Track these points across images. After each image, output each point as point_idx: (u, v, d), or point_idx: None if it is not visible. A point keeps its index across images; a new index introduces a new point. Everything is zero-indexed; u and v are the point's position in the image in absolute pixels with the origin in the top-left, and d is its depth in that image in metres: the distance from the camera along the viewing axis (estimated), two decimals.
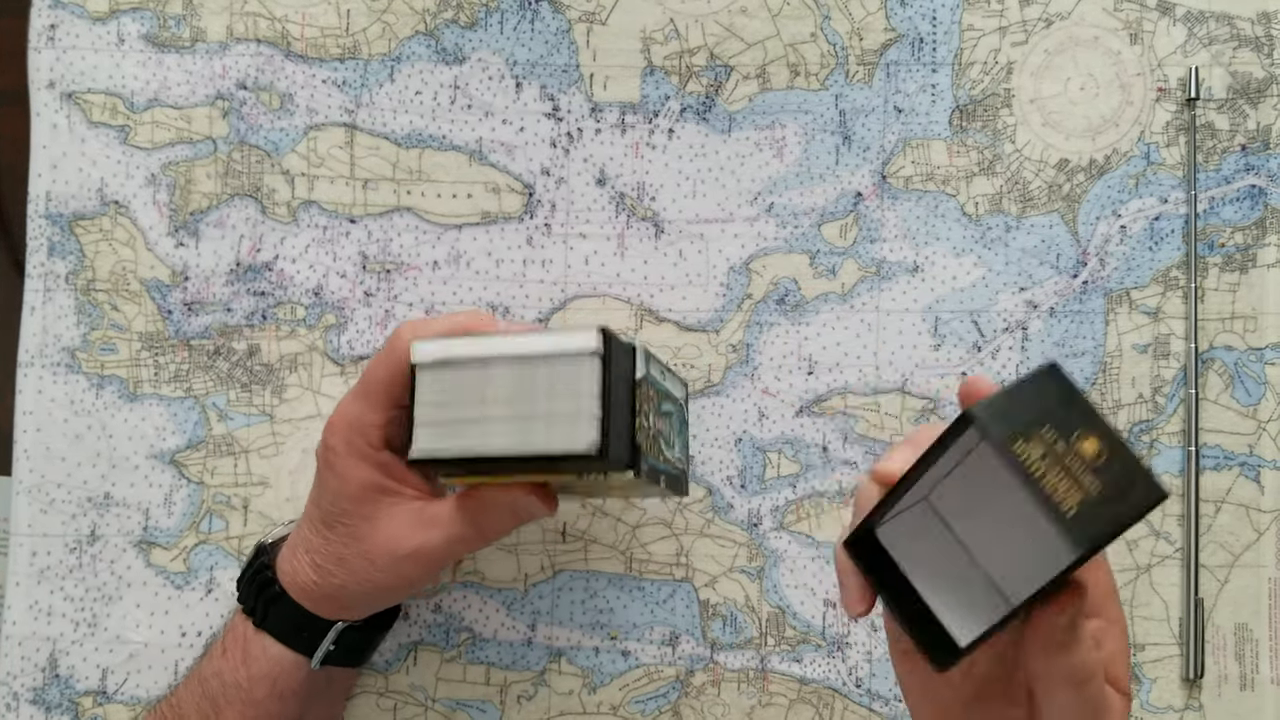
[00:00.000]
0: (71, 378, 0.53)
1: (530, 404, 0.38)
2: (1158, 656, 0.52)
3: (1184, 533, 0.52)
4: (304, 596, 0.45)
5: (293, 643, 0.46)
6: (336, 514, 0.44)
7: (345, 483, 0.43)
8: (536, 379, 0.38)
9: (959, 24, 0.53)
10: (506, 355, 0.38)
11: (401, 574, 0.43)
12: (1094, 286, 0.53)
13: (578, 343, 0.38)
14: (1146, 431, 0.53)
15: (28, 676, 0.52)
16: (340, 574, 0.44)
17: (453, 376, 0.39)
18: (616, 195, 0.53)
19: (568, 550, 0.53)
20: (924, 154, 0.53)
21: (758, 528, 0.53)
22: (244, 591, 0.47)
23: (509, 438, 0.38)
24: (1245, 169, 0.53)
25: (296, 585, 0.45)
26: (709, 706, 0.52)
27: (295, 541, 0.46)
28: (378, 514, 0.43)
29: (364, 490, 0.43)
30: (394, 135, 0.53)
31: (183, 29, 0.53)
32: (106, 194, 0.53)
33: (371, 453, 0.43)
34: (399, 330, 0.43)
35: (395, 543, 0.43)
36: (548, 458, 0.38)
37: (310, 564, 0.45)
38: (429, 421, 0.39)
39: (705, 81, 0.53)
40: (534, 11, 0.53)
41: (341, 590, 0.44)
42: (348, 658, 0.47)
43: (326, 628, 0.46)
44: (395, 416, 0.43)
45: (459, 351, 0.39)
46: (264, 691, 0.45)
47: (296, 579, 0.45)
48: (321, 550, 0.44)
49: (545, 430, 0.38)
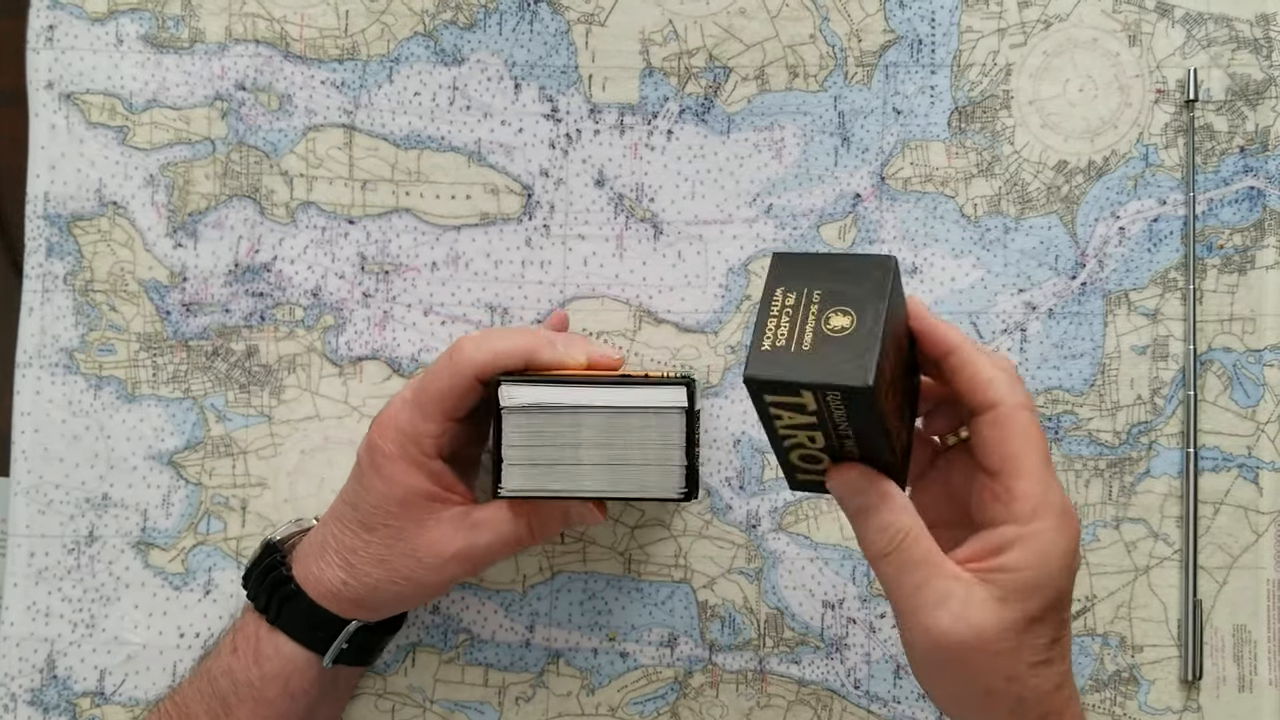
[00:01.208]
0: (70, 378, 0.53)
1: (621, 451, 0.43)
2: (1156, 658, 0.52)
3: (1182, 534, 0.52)
4: (327, 597, 0.45)
5: (307, 641, 0.46)
6: (381, 517, 0.44)
7: (394, 487, 0.44)
8: (628, 428, 0.43)
9: (958, 26, 0.53)
10: (599, 406, 0.42)
11: (445, 573, 0.45)
12: (1093, 288, 0.53)
13: (669, 398, 0.42)
14: (1145, 433, 0.53)
15: (25, 677, 0.52)
16: (376, 574, 0.45)
17: (543, 421, 0.43)
18: (615, 196, 0.53)
19: (566, 551, 0.53)
20: (923, 155, 0.53)
21: (756, 529, 0.53)
22: (254, 589, 0.47)
23: (599, 481, 0.43)
24: (1244, 171, 0.53)
25: (322, 586, 0.45)
26: (707, 708, 0.52)
27: (321, 542, 0.46)
28: (425, 518, 0.44)
29: (414, 496, 0.44)
30: (393, 136, 0.53)
31: (181, 30, 0.53)
32: (105, 195, 0.53)
33: (424, 460, 0.44)
34: (461, 344, 0.45)
35: (442, 545, 0.44)
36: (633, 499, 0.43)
37: (342, 564, 0.45)
38: (518, 461, 0.43)
39: (704, 83, 0.53)
40: (533, 13, 0.53)
41: (374, 591, 0.45)
42: (357, 657, 0.48)
43: (340, 626, 0.46)
44: (450, 428, 0.45)
45: (550, 399, 0.42)
46: (276, 690, 0.46)
47: (322, 580, 0.45)
48: (360, 551, 0.45)
49: (636, 476, 0.43)
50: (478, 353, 0.44)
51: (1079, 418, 0.53)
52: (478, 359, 0.44)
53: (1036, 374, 0.53)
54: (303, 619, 0.46)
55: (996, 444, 0.38)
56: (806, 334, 0.36)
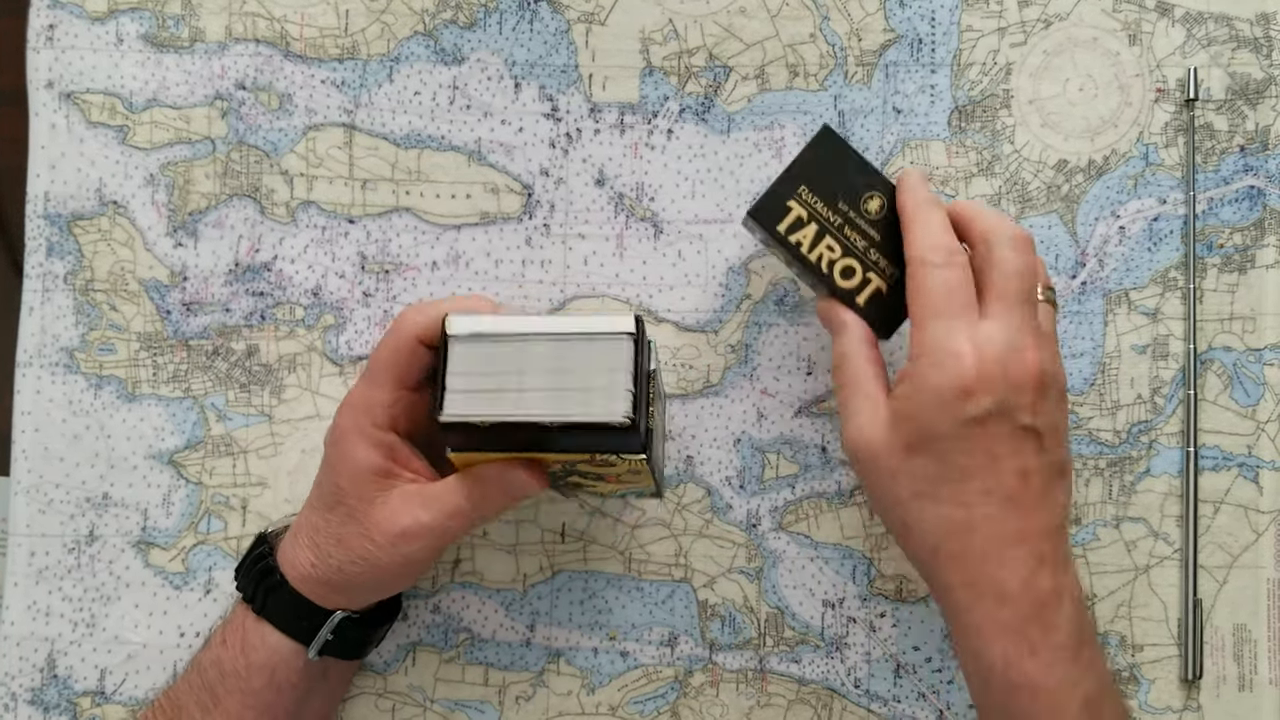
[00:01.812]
0: (70, 378, 0.53)
1: (567, 377, 0.41)
2: (1156, 657, 0.52)
3: (1182, 534, 0.52)
4: (303, 581, 0.45)
5: (292, 631, 0.46)
6: (338, 494, 0.44)
7: (346, 462, 0.44)
8: (574, 354, 0.42)
9: (958, 25, 0.53)
10: (545, 332, 0.42)
11: (398, 552, 0.44)
12: (1093, 287, 0.53)
13: (616, 324, 0.42)
14: (1145, 432, 0.53)
15: (26, 677, 0.52)
16: (338, 554, 0.44)
17: (489, 349, 0.42)
18: (615, 195, 0.53)
19: (566, 550, 0.53)
20: (923, 155, 0.53)
21: (756, 528, 0.53)
22: (243, 580, 0.47)
23: (544, 407, 0.41)
24: (1244, 170, 0.53)
25: (296, 570, 0.45)
26: (707, 707, 0.52)
27: (297, 526, 0.46)
28: (376, 495, 0.44)
29: (365, 471, 0.44)
30: (393, 135, 0.53)
31: (181, 29, 0.53)
32: (105, 194, 0.53)
33: (375, 432, 0.44)
34: (403, 313, 0.45)
35: (391, 521, 0.44)
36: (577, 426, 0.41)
37: (309, 544, 0.45)
38: (461, 389, 0.42)
39: (704, 82, 0.53)
40: (533, 12, 0.53)
41: (339, 573, 0.45)
42: (346, 650, 0.48)
43: (326, 617, 0.46)
44: (401, 397, 0.45)
45: (497, 327, 0.42)
46: (262, 681, 0.46)
47: (295, 562, 0.45)
48: (322, 530, 0.45)
49: (580, 401, 0.41)
50: (420, 315, 0.44)
51: (1079, 417, 0.53)
52: (420, 320, 0.44)
53: None
54: (288, 608, 0.46)
55: (909, 296, 0.43)
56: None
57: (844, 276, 0.46)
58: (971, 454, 0.41)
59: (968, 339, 0.41)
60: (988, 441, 0.41)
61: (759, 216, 0.46)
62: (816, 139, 0.46)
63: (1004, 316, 0.42)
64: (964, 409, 0.40)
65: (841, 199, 0.46)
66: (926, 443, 0.41)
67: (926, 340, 0.42)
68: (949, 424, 0.41)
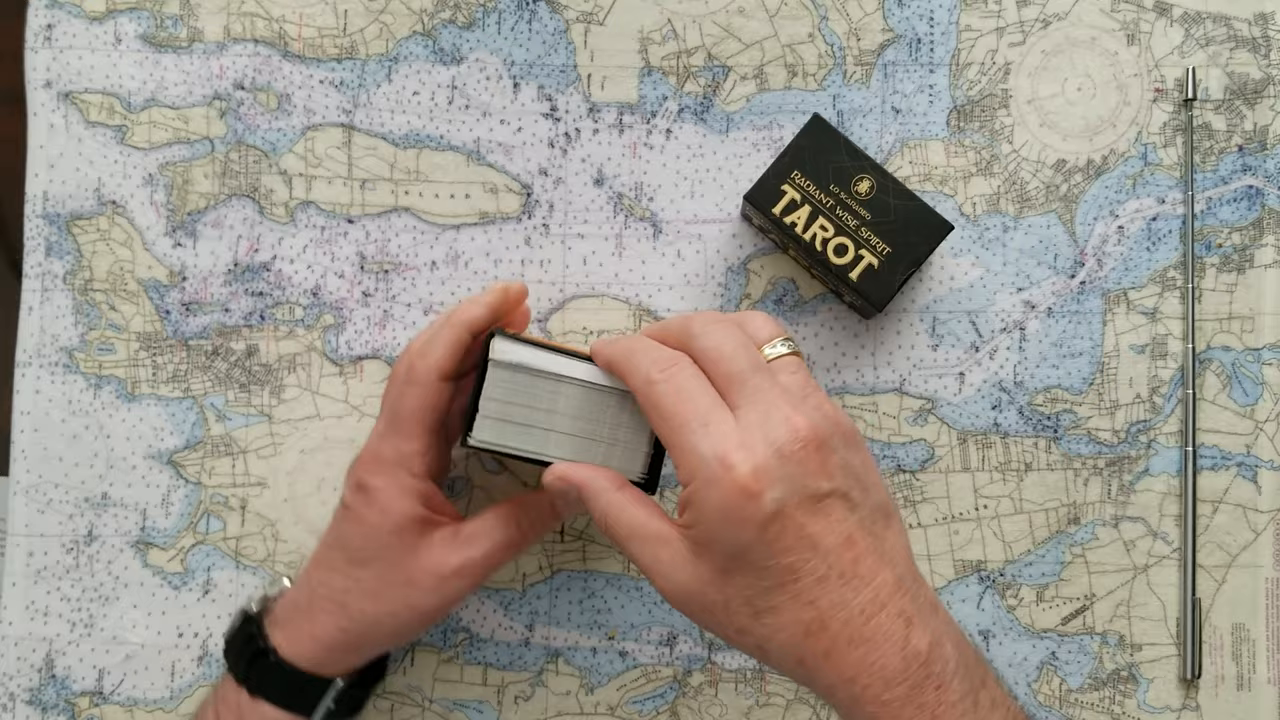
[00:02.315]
0: (69, 378, 0.53)
1: (594, 426, 0.43)
2: (1155, 657, 0.52)
3: (1181, 533, 0.52)
4: (319, 649, 0.45)
5: (293, 706, 0.46)
6: (373, 550, 0.45)
7: (388, 516, 0.45)
8: (605, 405, 0.43)
9: (956, 25, 0.53)
10: (582, 379, 0.43)
11: (445, 593, 0.45)
12: (1091, 287, 0.53)
13: None
14: (1144, 431, 0.53)
15: (24, 677, 0.52)
16: (373, 609, 0.45)
17: (526, 381, 0.43)
18: (614, 195, 0.53)
19: (566, 550, 0.53)
20: (921, 154, 0.53)
21: None
22: (234, 660, 0.47)
23: (567, 450, 0.43)
24: (1242, 169, 0.53)
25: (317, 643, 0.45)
26: (706, 707, 0.52)
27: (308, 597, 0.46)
28: (417, 543, 0.45)
29: (408, 522, 0.45)
30: (392, 135, 0.53)
31: (180, 29, 0.53)
32: (104, 194, 0.53)
33: (415, 483, 0.45)
34: (412, 363, 0.45)
35: (441, 563, 0.45)
36: None
37: (336, 609, 0.45)
38: (492, 415, 0.43)
39: (703, 82, 0.53)
40: (531, 12, 0.53)
41: (374, 627, 0.45)
42: (344, 713, 0.48)
43: (323, 688, 0.46)
44: (432, 443, 0.45)
45: (538, 362, 0.43)
46: None
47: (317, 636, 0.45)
48: (353, 590, 0.45)
49: (604, 453, 0.44)
50: (430, 358, 0.45)
51: (1078, 416, 0.53)
52: (433, 364, 0.45)
53: (1035, 373, 0.53)
54: (286, 685, 0.46)
55: (652, 424, 0.40)
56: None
57: (837, 254, 0.48)
58: (787, 550, 0.37)
59: (725, 439, 0.37)
60: (795, 530, 0.37)
61: (755, 199, 0.49)
62: (808, 127, 0.49)
63: (748, 398, 0.38)
64: (756, 510, 0.36)
65: (833, 181, 0.48)
66: (738, 560, 0.37)
67: (689, 459, 0.38)
68: (750, 532, 0.37)
